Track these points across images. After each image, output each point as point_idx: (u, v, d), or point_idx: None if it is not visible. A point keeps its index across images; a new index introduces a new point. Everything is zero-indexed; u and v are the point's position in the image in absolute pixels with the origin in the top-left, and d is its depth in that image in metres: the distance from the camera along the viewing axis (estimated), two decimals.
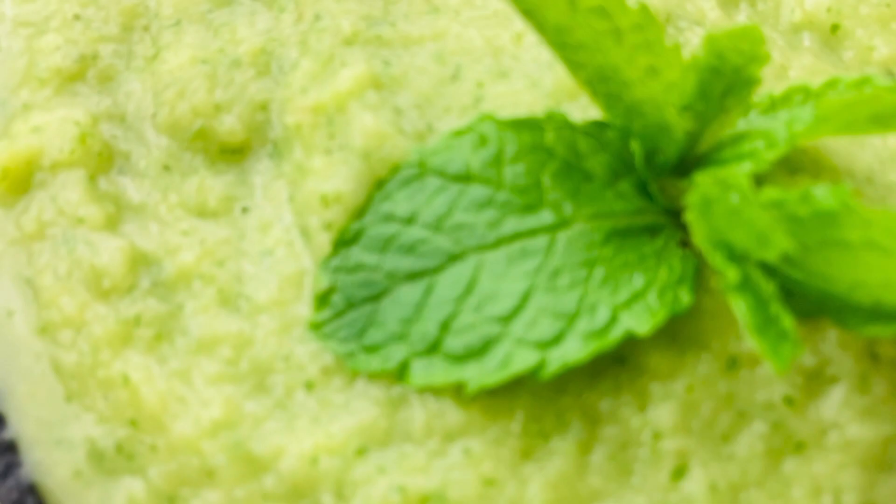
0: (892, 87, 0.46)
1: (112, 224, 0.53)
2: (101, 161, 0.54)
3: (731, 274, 0.40)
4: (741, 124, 0.48)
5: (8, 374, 0.51)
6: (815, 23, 0.59)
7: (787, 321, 0.40)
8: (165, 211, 0.54)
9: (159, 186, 0.54)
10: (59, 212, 0.53)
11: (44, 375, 0.51)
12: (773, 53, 0.56)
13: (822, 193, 0.40)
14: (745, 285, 0.40)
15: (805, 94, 0.48)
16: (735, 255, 0.41)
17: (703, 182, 0.41)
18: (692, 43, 0.56)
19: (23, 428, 0.50)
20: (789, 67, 0.56)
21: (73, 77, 0.56)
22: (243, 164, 0.55)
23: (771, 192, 0.41)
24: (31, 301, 0.52)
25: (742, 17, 0.60)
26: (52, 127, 0.54)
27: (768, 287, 0.40)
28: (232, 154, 0.55)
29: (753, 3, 0.60)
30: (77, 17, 0.58)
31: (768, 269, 0.42)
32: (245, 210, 0.54)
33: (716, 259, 0.41)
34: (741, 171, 0.43)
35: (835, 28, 0.58)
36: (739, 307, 0.40)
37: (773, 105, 0.48)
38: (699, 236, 0.42)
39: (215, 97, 0.55)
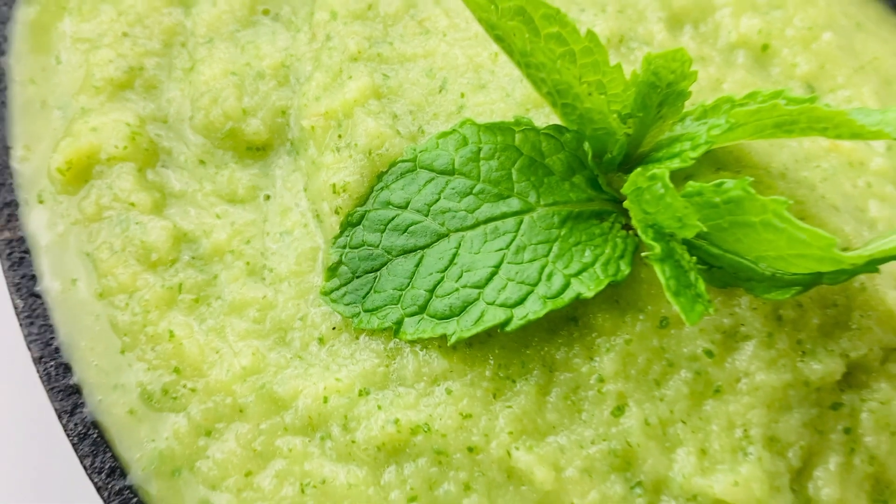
0: (797, 100, 0.51)
1: (158, 208, 0.58)
2: (148, 156, 0.60)
3: (657, 248, 0.46)
4: (677, 129, 0.53)
5: (72, 331, 0.56)
6: (748, 43, 0.64)
7: (701, 286, 0.46)
8: (201, 197, 0.59)
9: (196, 177, 0.60)
10: (114, 198, 0.58)
11: (102, 332, 0.56)
12: (710, 69, 0.62)
13: (731, 185, 0.46)
14: (669, 257, 0.46)
15: (730, 104, 0.53)
16: (662, 234, 0.47)
17: (636, 177, 0.48)
18: (637, 57, 0.62)
19: (85, 375, 0.55)
20: (724, 81, 0.61)
21: (123, 86, 0.62)
22: (266, 159, 0.61)
23: (693, 185, 0.47)
24: (91, 271, 0.57)
25: (686, 38, 0.64)
26: (107, 127, 0.59)
27: (688, 260, 0.47)
28: (257, 151, 0.61)
29: (696, 26, 0.65)
30: (126, 35, 0.63)
31: (691, 246, 0.48)
32: (267, 197, 0.60)
33: (646, 237, 0.47)
34: (667, 168, 0.48)
35: (765, 47, 0.63)
36: (663, 274, 0.46)
37: (705, 113, 0.53)
38: (635, 219, 0.48)
39: (243, 104, 0.61)
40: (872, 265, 0.46)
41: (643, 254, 0.48)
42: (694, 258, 0.47)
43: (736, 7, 0.65)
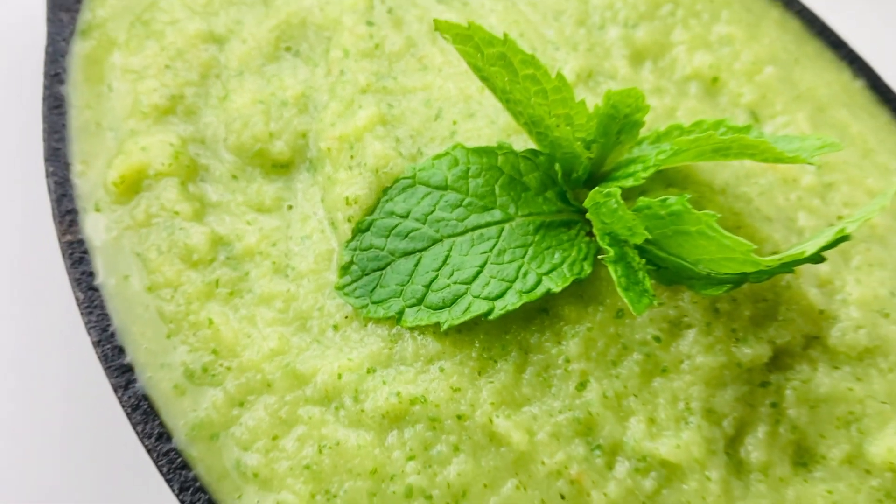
0: (733, 129, 0.58)
1: (198, 216, 0.63)
2: (189, 172, 0.64)
3: (612, 252, 0.52)
4: (634, 151, 0.59)
5: (125, 319, 0.60)
6: (700, 76, 0.69)
7: (647, 283, 0.51)
8: (234, 207, 0.64)
9: (230, 190, 0.64)
10: (161, 207, 0.62)
11: (151, 320, 0.60)
12: (666, 99, 0.67)
13: (673, 200, 0.52)
14: (621, 259, 0.52)
15: (679, 130, 0.59)
16: (617, 241, 0.53)
17: (595, 194, 0.54)
18: (602, 90, 0.65)
19: (136, 356, 0.59)
20: (678, 109, 0.66)
21: (167, 111, 0.66)
22: (289, 175, 0.65)
23: (643, 200, 0.53)
24: (141, 269, 0.61)
25: (646, 72, 0.69)
26: (154, 147, 0.64)
27: (638, 262, 0.52)
28: (281, 168, 0.65)
29: (655, 61, 0.69)
30: (168, 67, 0.67)
31: (641, 250, 0.54)
32: (290, 207, 0.64)
33: (604, 243, 0.52)
34: (621, 186, 0.55)
35: (714, 80, 0.68)
36: (615, 273, 0.51)
37: (658, 138, 0.59)
38: (595, 228, 0.54)
39: (269, 128, 0.65)
40: (785, 267, 0.52)
41: (600, 256, 0.53)
42: (643, 260, 0.52)
43: (690, 45, 0.69)
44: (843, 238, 0.51)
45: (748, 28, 0.71)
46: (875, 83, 0.72)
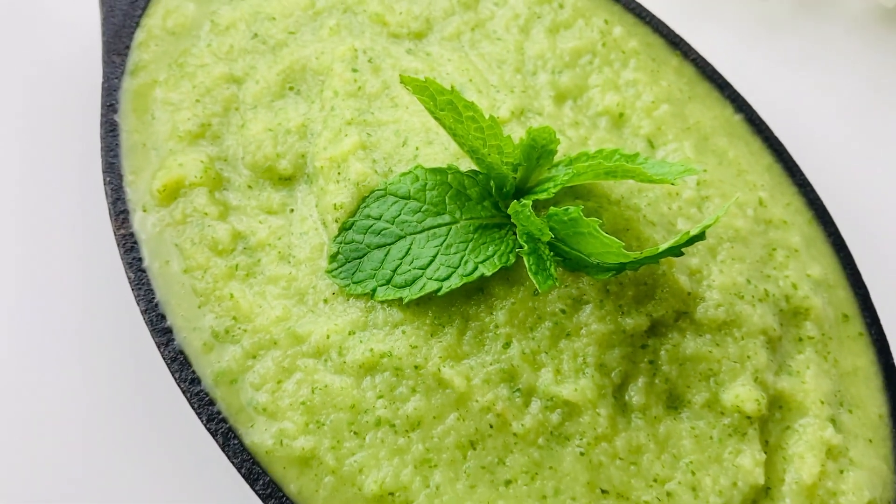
0: (625, 156, 0.63)
1: (222, 216, 0.66)
2: (216, 183, 0.68)
3: (527, 247, 0.57)
4: (552, 172, 0.63)
5: (166, 293, 0.64)
6: (610, 112, 0.73)
7: (552, 269, 0.56)
8: (249, 210, 0.67)
9: (246, 197, 0.68)
10: (194, 210, 0.66)
11: (186, 294, 0.64)
12: (581, 130, 0.71)
13: (571, 210, 0.57)
14: (534, 252, 0.57)
15: (587, 156, 0.63)
16: (532, 239, 0.58)
17: (516, 205, 0.58)
18: (533, 125, 0.69)
19: (174, 321, 0.64)
20: (589, 138, 0.70)
21: (197, 136, 0.69)
22: (291, 186, 0.69)
23: (552, 209, 0.58)
24: (178, 256, 0.65)
25: (566, 109, 0.73)
26: (189, 163, 0.67)
27: (547, 254, 0.57)
28: (285, 181, 0.69)
29: (575, 100, 0.74)
30: (198, 101, 0.71)
31: (552, 246, 0.59)
32: (292, 210, 0.67)
33: (522, 240, 0.57)
34: (535, 199, 0.60)
35: (620, 115, 0.73)
36: (528, 262, 0.57)
37: (570, 162, 0.63)
38: (517, 230, 0.59)
39: (276, 150, 0.68)
40: (649, 260, 0.58)
41: (519, 250, 0.58)
42: (552, 253, 0.58)
43: (603, 87, 0.74)
44: (692, 239, 0.57)
45: (650, 73, 0.75)
46: (751, 117, 0.77)
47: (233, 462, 0.60)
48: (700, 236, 0.58)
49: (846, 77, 0.92)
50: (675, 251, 0.59)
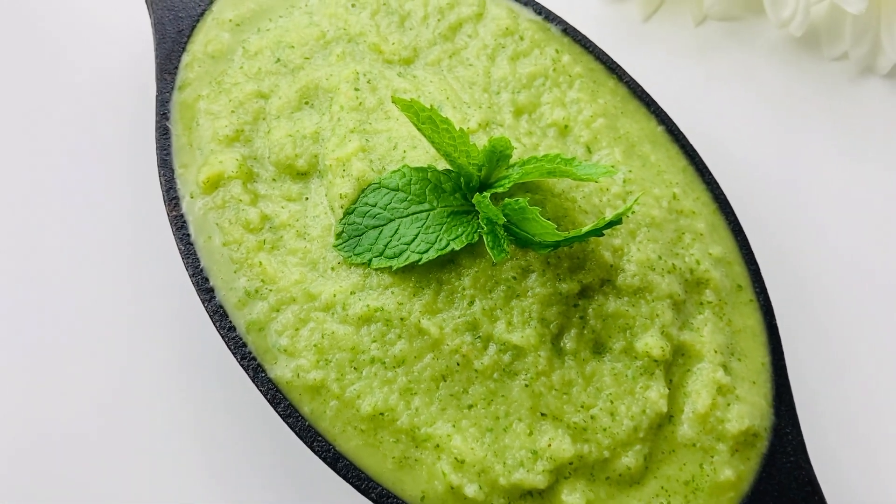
0: (564, 160, 0.68)
1: (253, 202, 0.74)
2: (248, 176, 0.75)
3: (486, 228, 0.63)
4: (508, 172, 0.68)
5: (209, 262, 0.71)
6: (557, 124, 0.79)
7: (505, 245, 0.63)
8: (274, 198, 0.74)
9: (271, 188, 0.75)
10: (231, 197, 0.73)
11: (224, 262, 0.71)
12: (534, 138, 0.77)
13: (520, 200, 0.64)
14: (491, 232, 0.63)
15: (535, 159, 0.68)
16: (490, 222, 0.64)
17: (479, 196, 0.64)
18: (495, 134, 0.75)
19: (215, 283, 0.71)
20: (539, 146, 0.77)
21: (233, 140, 0.77)
22: (306, 180, 0.76)
23: (507, 200, 0.64)
24: (219, 232, 0.72)
25: (523, 122, 0.79)
26: (227, 161, 0.74)
27: (502, 234, 0.63)
28: (302, 176, 0.76)
29: (530, 114, 0.80)
30: (233, 112, 0.78)
31: (506, 228, 0.66)
32: (307, 199, 0.74)
33: (482, 223, 0.64)
34: (493, 192, 0.66)
35: (566, 127, 0.80)
36: (487, 240, 0.63)
37: (523, 164, 0.68)
38: (480, 216, 0.65)
39: (295, 152, 0.75)
40: (576, 238, 0.65)
41: (480, 230, 0.65)
42: (505, 233, 0.64)
43: (552, 104, 0.80)
44: (609, 223, 0.64)
45: (591, 93, 0.82)
46: (671, 128, 0.84)
47: (260, 390, 0.67)
48: (617, 221, 0.65)
49: (757, 94, 1.00)
50: (597, 232, 0.66)
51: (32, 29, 0.95)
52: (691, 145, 0.82)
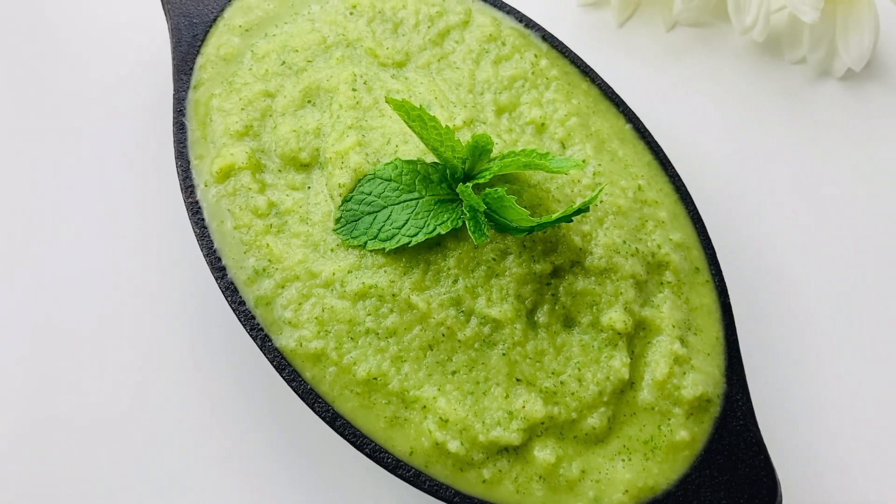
0: (540, 155, 0.70)
1: (262, 190, 0.78)
2: (257, 167, 0.79)
3: (468, 214, 0.66)
4: (490, 165, 0.71)
5: (222, 243, 0.75)
6: (535, 122, 0.83)
7: (486, 230, 0.66)
8: (280, 187, 0.79)
9: (277, 178, 0.79)
10: (242, 186, 0.77)
11: (236, 244, 0.75)
12: (513, 135, 0.81)
13: (498, 190, 0.67)
14: (473, 218, 0.67)
15: (513, 154, 0.71)
16: (472, 210, 0.67)
17: (462, 186, 0.68)
18: (478, 131, 0.78)
19: (228, 262, 0.74)
20: (518, 142, 0.80)
21: (243, 134, 0.80)
22: (309, 171, 0.80)
23: (488, 190, 0.68)
24: (230, 217, 0.76)
25: (504, 120, 0.83)
26: (238, 153, 0.78)
27: (483, 220, 0.67)
28: (305, 167, 0.80)
29: (510, 113, 0.83)
30: (243, 109, 0.82)
31: (487, 215, 0.69)
32: (309, 188, 0.78)
33: (466, 209, 0.67)
34: (474, 183, 0.69)
35: (542, 125, 0.84)
36: (469, 225, 0.66)
37: (502, 158, 0.71)
38: (464, 204, 0.68)
39: (299, 145, 0.79)
40: (549, 224, 0.68)
41: (463, 217, 0.68)
42: (486, 219, 0.67)
43: (530, 104, 0.84)
44: (577, 211, 0.67)
45: (565, 94, 0.86)
46: (638, 127, 0.88)
47: (267, 358, 0.72)
48: (584, 209, 0.68)
49: (721, 95, 1.04)
50: (567, 219, 0.69)
51: (66, 36, 1.02)
52: (656, 141, 0.86)
